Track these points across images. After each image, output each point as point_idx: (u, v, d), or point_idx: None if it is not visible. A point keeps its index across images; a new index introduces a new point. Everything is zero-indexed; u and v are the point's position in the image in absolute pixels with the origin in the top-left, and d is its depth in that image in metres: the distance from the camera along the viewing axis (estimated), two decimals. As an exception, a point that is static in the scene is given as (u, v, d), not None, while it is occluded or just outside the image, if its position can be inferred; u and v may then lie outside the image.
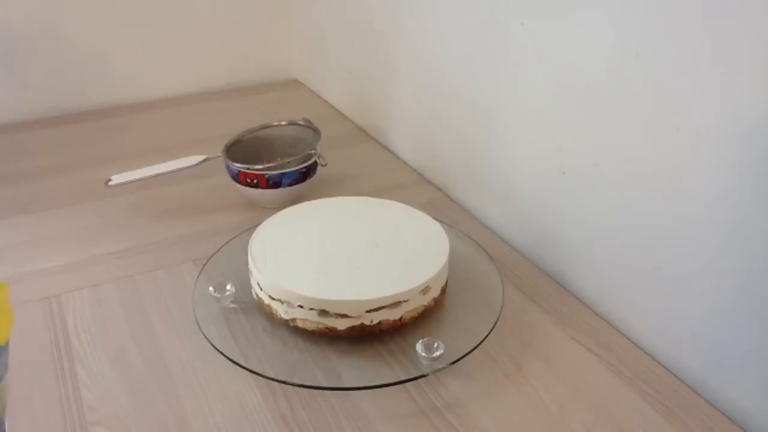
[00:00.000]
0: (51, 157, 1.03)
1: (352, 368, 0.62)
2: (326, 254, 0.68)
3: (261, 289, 0.66)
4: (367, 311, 0.63)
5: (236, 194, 0.90)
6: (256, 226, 0.73)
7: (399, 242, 0.70)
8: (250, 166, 0.85)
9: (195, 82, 1.29)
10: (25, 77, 1.15)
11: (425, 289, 0.65)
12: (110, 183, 0.86)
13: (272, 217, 0.74)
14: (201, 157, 0.89)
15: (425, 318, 0.67)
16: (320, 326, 0.64)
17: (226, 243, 0.76)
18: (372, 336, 0.65)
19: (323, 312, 0.63)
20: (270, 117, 0.95)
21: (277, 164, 0.85)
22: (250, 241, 0.70)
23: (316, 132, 0.91)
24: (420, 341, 0.63)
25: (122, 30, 1.19)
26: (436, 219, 0.75)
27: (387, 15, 0.99)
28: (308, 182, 0.89)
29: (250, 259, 0.68)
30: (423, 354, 0.62)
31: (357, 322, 0.63)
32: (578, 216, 0.72)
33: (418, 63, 0.94)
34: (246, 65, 1.34)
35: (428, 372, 0.61)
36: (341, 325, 0.63)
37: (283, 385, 0.60)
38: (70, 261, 0.78)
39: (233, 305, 0.69)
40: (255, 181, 0.86)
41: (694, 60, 0.55)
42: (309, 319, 0.64)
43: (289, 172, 0.86)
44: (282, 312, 0.65)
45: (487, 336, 0.64)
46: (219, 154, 0.89)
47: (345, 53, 1.16)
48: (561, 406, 0.59)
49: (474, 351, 0.62)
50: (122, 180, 0.87)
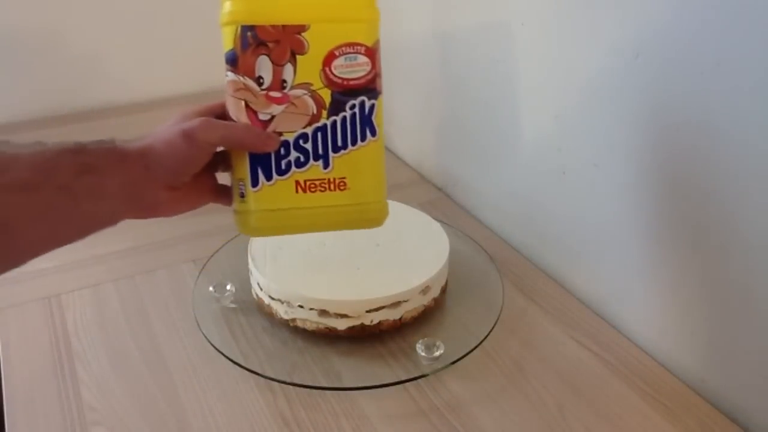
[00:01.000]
0: (51, 157, 1.03)
1: (352, 368, 0.62)
2: (326, 254, 0.68)
3: (261, 289, 0.66)
4: (367, 311, 0.63)
5: (236, 194, 0.90)
6: (256, 226, 0.73)
7: (399, 242, 0.70)
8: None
9: (195, 82, 1.29)
10: (25, 77, 1.14)
11: (425, 289, 0.65)
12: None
13: (272, 217, 0.74)
14: (201, 157, 0.89)
15: (425, 318, 0.67)
16: (320, 326, 0.64)
17: (226, 243, 0.76)
18: (372, 336, 0.65)
19: (323, 312, 0.63)
20: (270, 117, 0.95)
21: (277, 164, 0.85)
22: (250, 241, 0.70)
23: (316, 132, 0.91)
24: (420, 341, 0.63)
25: (122, 30, 1.19)
26: (436, 219, 0.75)
27: (387, 15, 0.99)
28: (308, 182, 0.88)
29: (250, 259, 0.68)
30: (423, 354, 0.62)
31: (357, 322, 0.63)
32: (578, 216, 0.72)
33: (418, 63, 0.94)
34: (246, 65, 1.34)
35: (428, 372, 0.61)
36: (341, 325, 0.63)
37: (283, 385, 0.60)
38: (70, 261, 0.78)
39: (233, 305, 0.69)
40: (255, 181, 0.85)
41: (695, 60, 0.55)
42: (309, 319, 0.64)
43: (289, 172, 0.86)
44: (282, 312, 0.65)
45: (487, 336, 0.64)
46: (219, 154, 0.88)
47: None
48: (561, 406, 0.59)
49: (474, 351, 0.62)
50: (122, 180, 0.86)
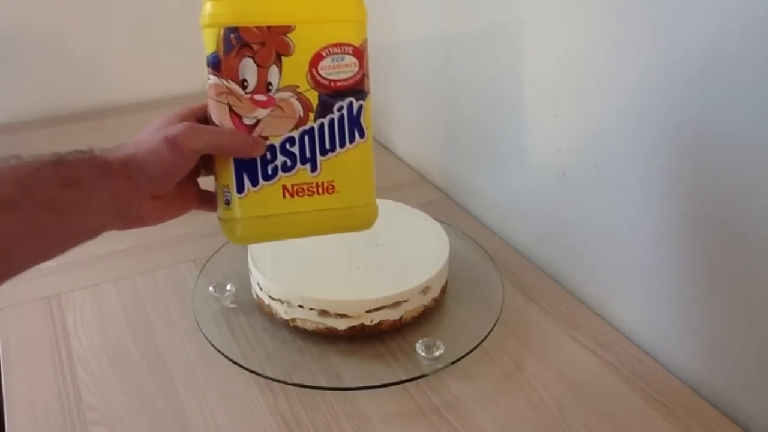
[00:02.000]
0: (51, 157, 1.03)
1: (352, 368, 0.62)
2: (326, 254, 0.68)
3: (261, 289, 0.66)
4: (367, 311, 0.63)
5: (236, 194, 0.90)
6: (256, 226, 0.73)
7: (399, 242, 0.70)
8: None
9: (195, 82, 1.29)
10: (25, 77, 1.14)
11: (425, 289, 0.65)
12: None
13: (272, 217, 0.74)
14: (201, 157, 0.89)
15: (425, 318, 0.67)
16: (320, 326, 0.64)
17: (226, 243, 0.76)
18: (372, 336, 0.65)
19: (323, 312, 0.63)
20: (270, 117, 0.95)
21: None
22: (250, 241, 0.70)
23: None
24: (420, 341, 0.63)
25: (122, 30, 1.19)
26: (436, 219, 0.75)
27: (387, 15, 0.99)
28: (308, 182, 0.88)
29: (250, 259, 0.68)
30: (423, 354, 0.62)
31: (357, 322, 0.63)
32: (578, 216, 0.72)
33: (418, 63, 0.94)
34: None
35: (428, 372, 0.61)
36: (341, 325, 0.63)
37: (283, 385, 0.60)
38: (70, 261, 0.77)
39: (233, 305, 0.69)
40: (255, 181, 0.85)
41: (695, 59, 0.55)
42: (309, 319, 0.64)
43: (289, 172, 0.86)
44: (282, 312, 0.65)
45: (487, 336, 0.64)
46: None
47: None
48: (561, 406, 0.59)
49: (474, 351, 0.62)
50: (122, 180, 0.86)
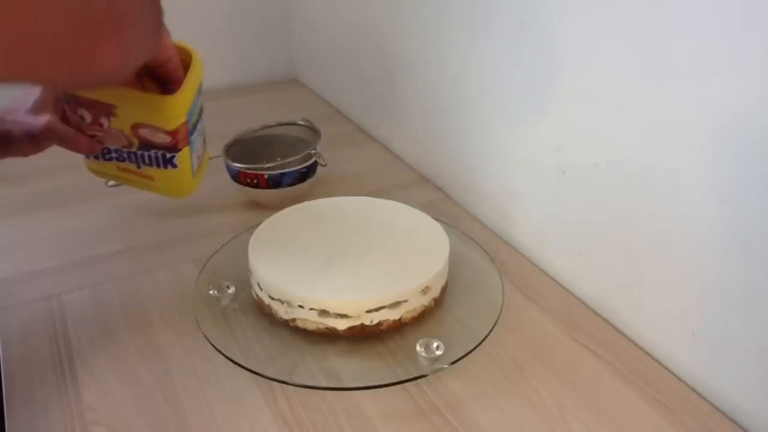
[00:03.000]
0: (51, 157, 1.02)
1: (352, 368, 0.62)
2: (326, 254, 0.68)
3: (261, 289, 0.66)
4: (367, 311, 0.63)
5: (236, 194, 0.90)
6: (256, 226, 0.73)
7: (399, 242, 0.70)
8: (250, 166, 0.85)
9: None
10: (25, 77, 1.14)
11: (425, 289, 0.65)
12: (110, 183, 0.86)
13: (272, 217, 0.74)
14: (201, 157, 0.89)
15: (425, 318, 0.67)
16: (320, 326, 0.64)
17: (226, 243, 0.76)
18: (372, 336, 0.65)
19: (323, 312, 0.63)
20: (270, 117, 0.95)
21: (277, 164, 0.85)
22: (250, 241, 0.70)
23: (316, 132, 0.91)
24: (420, 341, 0.63)
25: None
26: (436, 219, 0.75)
27: (387, 15, 0.99)
28: (308, 182, 0.89)
29: (250, 259, 0.68)
30: (423, 354, 0.62)
31: (357, 322, 0.63)
32: (578, 216, 0.72)
33: (418, 63, 0.94)
34: (246, 65, 1.34)
35: (428, 372, 0.61)
36: (341, 325, 0.63)
37: (283, 385, 0.60)
38: (70, 261, 0.78)
39: (233, 305, 0.69)
40: (255, 181, 0.86)
41: (695, 60, 0.55)
42: (309, 319, 0.64)
43: (289, 172, 0.86)
44: (282, 312, 0.65)
45: (487, 336, 0.64)
46: (219, 154, 0.89)
47: (345, 53, 1.16)
48: (561, 406, 0.59)
49: (474, 351, 0.62)
50: (122, 180, 0.87)
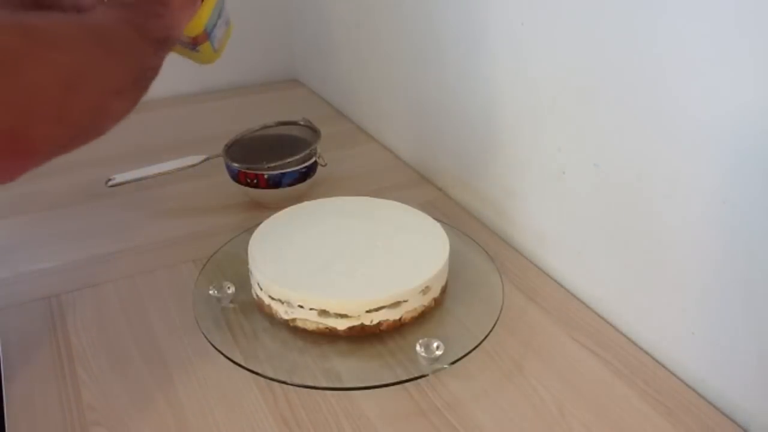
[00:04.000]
0: (51, 157, 1.03)
1: (352, 368, 0.62)
2: (326, 254, 0.68)
3: (261, 289, 0.66)
4: (367, 311, 0.63)
5: (236, 194, 0.90)
6: (256, 226, 0.73)
7: (399, 242, 0.70)
8: (250, 166, 0.85)
9: (195, 82, 1.29)
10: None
11: (425, 289, 0.65)
12: (110, 183, 0.86)
13: (272, 217, 0.74)
14: (201, 157, 0.89)
15: (425, 318, 0.67)
16: (320, 326, 0.64)
17: (226, 243, 0.76)
18: (372, 336, 0.65)
19: (323, 312, 0.63)
20: (270, 117, 0.95)
21: (277, 164, 0.85)
22: (250, 241, 0.70)
23: (316, 132, 0.91)
24: (420, 341, 0.63)
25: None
26: (436, 219, 0.75)
27: (387, 15, 0.99)
28: (308, 182, 0.89)
29: (250, 259, 0.68)
30: (423, 354, 0.62)
31: (357, 322, 0.63)
32: (578, 216, 0.72)
33: (418, 63, 0.94)
34: (246, 65, 1.34)
35: (428, 372, 0.61)
36: (341, 325, 0.63)
37: (283, 385, 0.60)
38: (70, 261, 0.78)
39: (233, 305, 0.69)
40: (255, 181, 0.86)
41: (695, 60, 0.55)
42: (309, 319, 0.64)
43: (289, 172, 0.86)
44: (282, 312, 0.65)
45: (487, 336, 0.64)
46: (219, 154, 0.89)
47: (345, 53, 1.16)
48: (561, 406, 0.59)
49: (474, 351, 0.62)
50: (122, 180, 0.87)
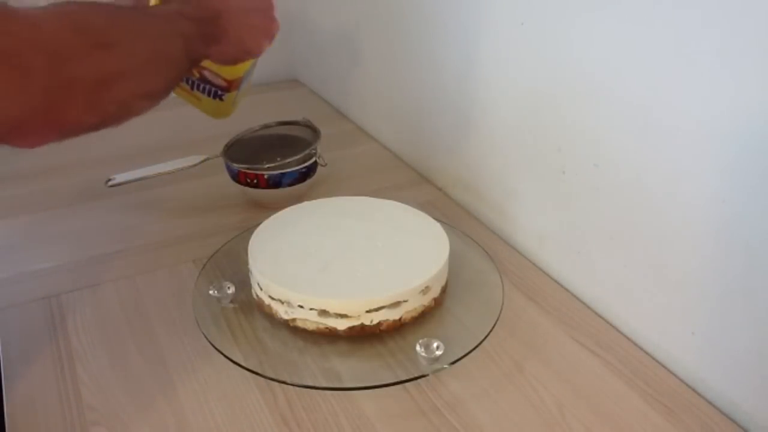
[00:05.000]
0: (51, 157, 1.03)
1: (352, 368, 0.62)
2: (326, 254, 0.68)
3: (261, 289, 0.66)
4: (367, 311, 0.63)
5: (236, 194, 0.90)
6: (256, 226, 0.73)
7: (399, 242, 0.70)
8: (250, 166, 0.85)
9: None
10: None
11: (425, 289, 0.65)
12: (110, 183, 0.86)
13: (272, 217, 0.74)
14: (201, 157, 0.89)
15: (425, 318, 0.67)
16: (320, 326, 0.64)
17: (226, 243, 0.76)
18: (372, 336, 0.65)
19: (323, 312, 0.63)
20: (270, 117, 0.95)
21: (277, 164, 0.85)
22: (250, 241, 0.70)
23: (316, 132, 0.91)
24: (420, 341, 0.63)
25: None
26: (436, 219, 0.75)
27: (387, 15, 0.99)
28: (308, 182, 0.89)
29: (250, 259, 0.68)
30: (423, 354, 0.62)
31: (357, 322, 0.63)
32: (578, 216, 0.72)
33: (418, 63, 0.94)
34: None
35: (428, 372, 0.61)
36: (341, 325, 0.63)
37: (283, 385, 0.60)
38: (70, 261, 0.78)
39: (233, 305, 0.69)
40: (255, 181, 0.86)
41: (695, 60, 0.55)
42: (309, 319, 0.64)
43: (289, 172, 0.86)
44: (282, 312, 0.65)
45: (487, 336, 0.64)
46: (219, 154, 0.89)
47: (345, 53, 1.16)
48: (561, 406, 0.59)
49: (474, 351, 0.62)
50: (122, 180, 0.87)
